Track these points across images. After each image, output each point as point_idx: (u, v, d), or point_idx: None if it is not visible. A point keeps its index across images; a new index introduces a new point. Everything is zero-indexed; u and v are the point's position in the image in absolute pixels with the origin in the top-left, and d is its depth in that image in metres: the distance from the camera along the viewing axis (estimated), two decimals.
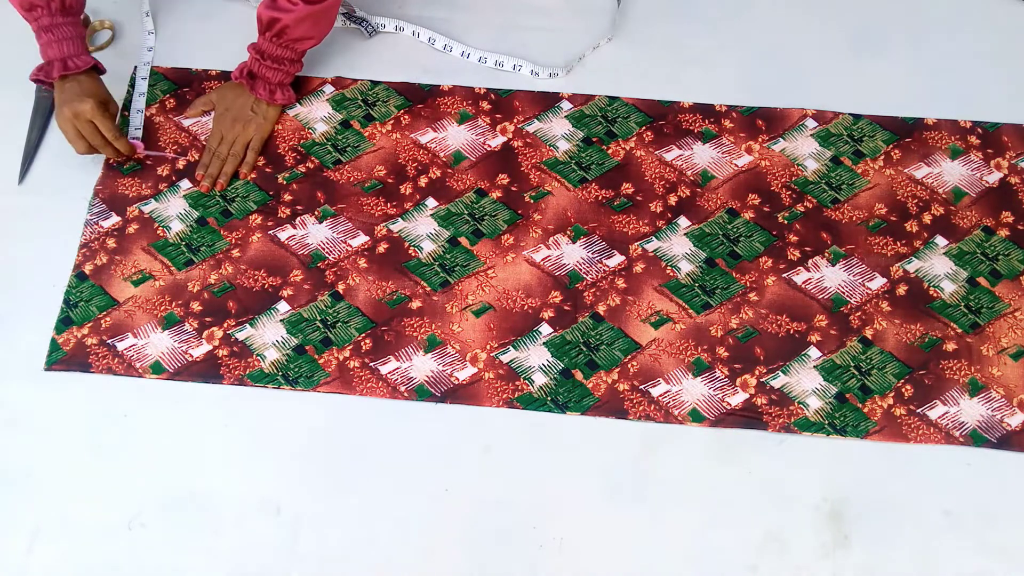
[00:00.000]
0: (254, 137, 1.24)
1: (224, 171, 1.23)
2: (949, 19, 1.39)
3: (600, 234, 1.20)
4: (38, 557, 1.01)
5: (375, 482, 1.05)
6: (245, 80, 1.24)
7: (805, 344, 1.13)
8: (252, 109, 1.24)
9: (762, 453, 1.07)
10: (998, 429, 1.09)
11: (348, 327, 1.14)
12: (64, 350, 1.12)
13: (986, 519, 1.04)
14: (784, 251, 1.19)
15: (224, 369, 1.11)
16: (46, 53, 1.18)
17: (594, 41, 1.35)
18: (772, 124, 1.29)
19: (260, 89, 1.24)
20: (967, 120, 1.29)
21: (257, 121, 1.24)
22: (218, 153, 1.23)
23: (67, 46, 1.17)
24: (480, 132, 1.28)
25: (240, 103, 1.25)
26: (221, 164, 1.23)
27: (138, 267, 1.17)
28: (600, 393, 1.10)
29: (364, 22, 1.36)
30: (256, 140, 1.24)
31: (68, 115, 1.16)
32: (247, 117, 1.24)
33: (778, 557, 1.02)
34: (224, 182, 1.22)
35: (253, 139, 1.24)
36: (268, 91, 1.24)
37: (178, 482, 1.05)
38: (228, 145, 1.24)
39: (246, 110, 1.24)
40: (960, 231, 1.21)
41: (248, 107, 1.24)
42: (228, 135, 1.24)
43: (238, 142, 1.24)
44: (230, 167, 1.23)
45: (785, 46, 1.36)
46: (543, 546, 1.02)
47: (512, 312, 1.15)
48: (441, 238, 1.20)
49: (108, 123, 1.17)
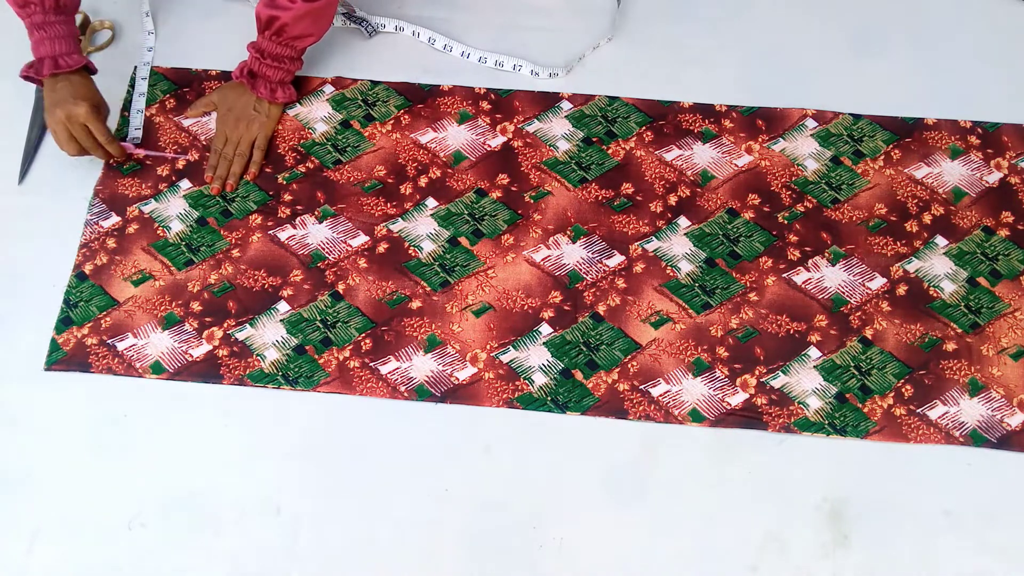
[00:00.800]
0: (258, 136, 1.24)
1: (232, 171, 1.23)
2: (949, 19, 1.39)
3: (600, 234, 1.20)
4: (38, 557, 1.01)
5: (375, 482, 1.05)
6: (246, 79, 1.24)
7: (805, 344, 1.13)
8: (255, 108, 1.24)
9: (762, 453, 1.07)
10: (998, 429, 1.09)
11: (348, 327, 1.14)
12: (64, 350, 1.12)
13: (986, 519, 1.04)
14: (784, 251, 1.19)
15: (224, 369, 1.11)
16: (37, 50, 1.17)
17: (594, 41, 1.35)
18: (772, 124, 1.29)
19: (261, 88, 1.24)
20: (967, 120, 1.29)
21: (260, 120, 1.24)
22: (224, 154, 1.23)
23: (59, 44, 1.17)
24: (480, 132, 1.28)
25: (242, 103, 1.25)
26: (228, 165, 1.23)
27: (138, 267, 1.17)
28: (600, 393, 1.10)
29: (364, 22, 1.36)
30: (261, 139, 1.24)
31: (61, 117, 1.15)
32: (250, 116, 1.24)
33: (778, 557, 1.02)
34: (233, 183, 1.22)
35: (258, 138, 1.24)
36: (269, 90, 1.24)
37: (178, 482, 1.05)
38: (233, 146, 1.24)
39: (248, 109, 1.24)
40: (960, 231, 1.21)
41: (250, 106, 1.24)
42: (232, 136, 1.24)
43: (243, 142, 1.24)
44: (238, 167, 1.23)
45: (785, 46, 1.36)
46: (543, 546, 1.02)
47: (512, 312, 1.15)
48: (441, 238, 1.20)
49: (101, 127, 1.17)
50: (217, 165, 1.23)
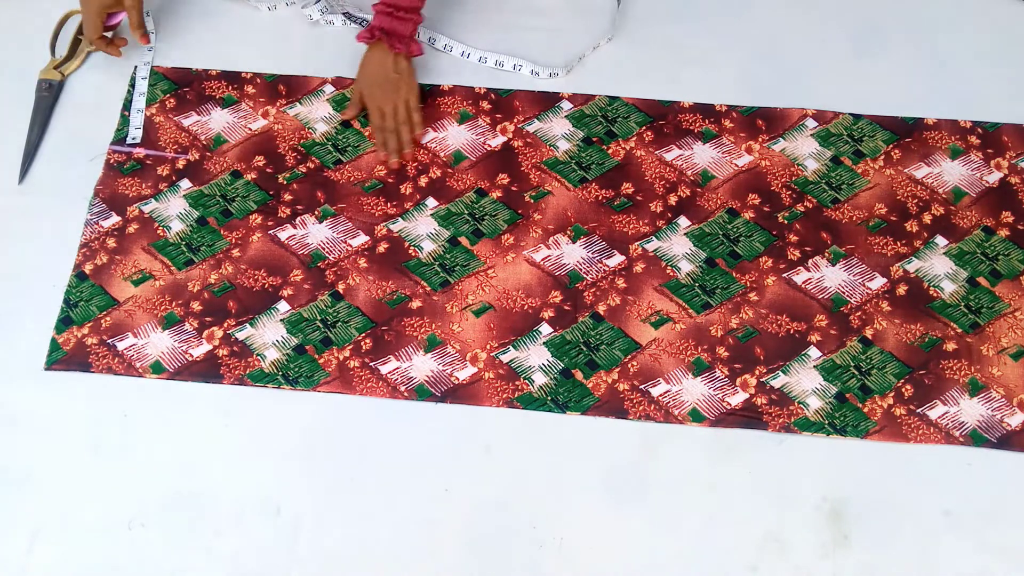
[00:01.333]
0: (409, 97, 1.26)
1: (403, 140, 1.25)
2: (949, 19, 1.39)
3: (600, 234, 1.20)
4: (38, 557, 1.01)
5: (375, 482, 1.05)
6: (383, 38, 1.24)
7: (805, 344, 1.13)
8: (394, 71, 1.25)
9: (762, 453, 1.07)
10: (998, 429, 1.09)
11: (348, 327, 1.14)
12: (64, 350, 1.12)
13: (986, 519, 1.04)
14: (784, 251, 1.19)
15: (224, 369, 1.11)
16: None
17: (594, 41, 1.35)
18: (772, 124, 1.29)
19: (397, 43, 1.24)
20: (967, 120, 1.29)
21: (404, 80, 1.25)
22: (387, 128, 1.25)
23: None
24: (480, 132, 1.28)
25: (382, 73, 1.25)
26: (396, 137, 1.25)
27: (138, 267, 1.17)
28: (600, 393, 1.10)
29: (364, 22, 1.36)
30: (412, 99, 1.26)
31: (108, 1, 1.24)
32: (394, 81, 1.25)
33: (778, 557, 1.02)
34: (409, 150, 1.25)
35: (409, 99, 1.26)
36: (404, 44, 1.25)
37: (178, 482, 1.05)
38: (392, 117, 1.25)
39: (389, 74, 1.25)
40: (960, 231, 1.21)
41: (389, 71, 1.25)
42: (387, 107, 1.25)
43: (400, 109, 1.25)
44: (406, 134, 1.25)
45: (785, 46, 1.36)
46: (543, 546, 1.02)
47: (512, 312, 1.15)
48: (441, 238, 1.20)
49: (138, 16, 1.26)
50: (386, 141, 1.25)
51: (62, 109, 1.29)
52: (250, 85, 1.31)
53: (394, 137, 1.25)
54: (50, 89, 1.29)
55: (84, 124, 1.27)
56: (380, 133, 1.25)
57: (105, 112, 1.28)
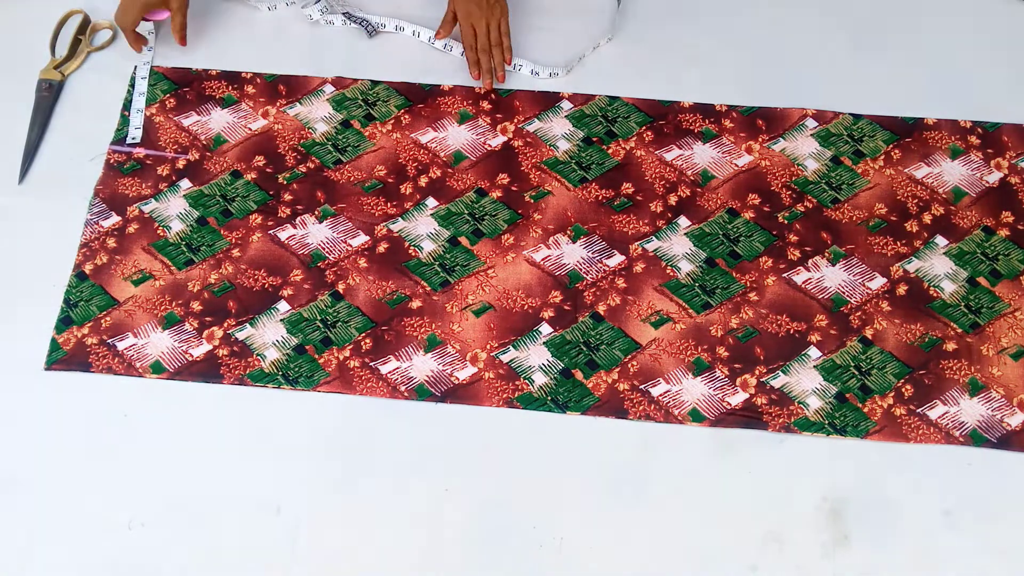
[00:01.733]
0: (501, 19, 1.29)
1: (496, 62, 1.28)
2: (949, 19, 1.39)
3: (600, 234, 1.20)
4: (38, 557, 1.01)
5: (375, 482, 1.05)
6: None
7: (805, 344, 1.13)
8: None
9: (762, 453, 1.07)
10: (998, 429, 1.09)
11: (348, 327, 1.14)
12: (64, 350, 1.12)
13: (986, 519, 1.04)
14: (784, 251, 1.19)
15: (224, 369, 1.11)
16: None
17: (594, 41, 1.35)
18: (772, 124, 1.29)
19: None
20: (967, 120, 1.29)
21: (498, 1, 1.29)
22: (481, 48, 1.28)
23: None
24: (480, 132, 1.28)
25: None
26: (489, 57, 1.28)
27: (138, 267, 1.17)
28: (600, 393, 1.10)
29: (364, 22, 1.36)
30: (504, 23, 1.29)
31: None
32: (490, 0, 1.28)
33: (778, 557, 1.02)
34: (502, 73, 1.28)
35: (501, 21, 1.29)
36: None
37: (178, 482, 1.05)
38: (484, 36, 1.28)
39: None
40: (960, 231, 1.21)
41: None
42: (480, 26, 1.28)
43: (492, 29, 1.28)
44: (498, 57, 1.29)
45: (785, 46, 1.36)
46: (543, 546, 1.02)
47: (512, 312, 1.15)
48: (441, 238, 1.20)
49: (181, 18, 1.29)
50: (479, 60, 1.28)
51: (62, 109, 1.29)
52: (250, 85, 1.31)
53: (487, 57, 1.28)
54: (50, 89, 1.29)
55: (84, 124, 1.27)
56: (471, 52, 1.29)
57: (105, 112, 1.28)
